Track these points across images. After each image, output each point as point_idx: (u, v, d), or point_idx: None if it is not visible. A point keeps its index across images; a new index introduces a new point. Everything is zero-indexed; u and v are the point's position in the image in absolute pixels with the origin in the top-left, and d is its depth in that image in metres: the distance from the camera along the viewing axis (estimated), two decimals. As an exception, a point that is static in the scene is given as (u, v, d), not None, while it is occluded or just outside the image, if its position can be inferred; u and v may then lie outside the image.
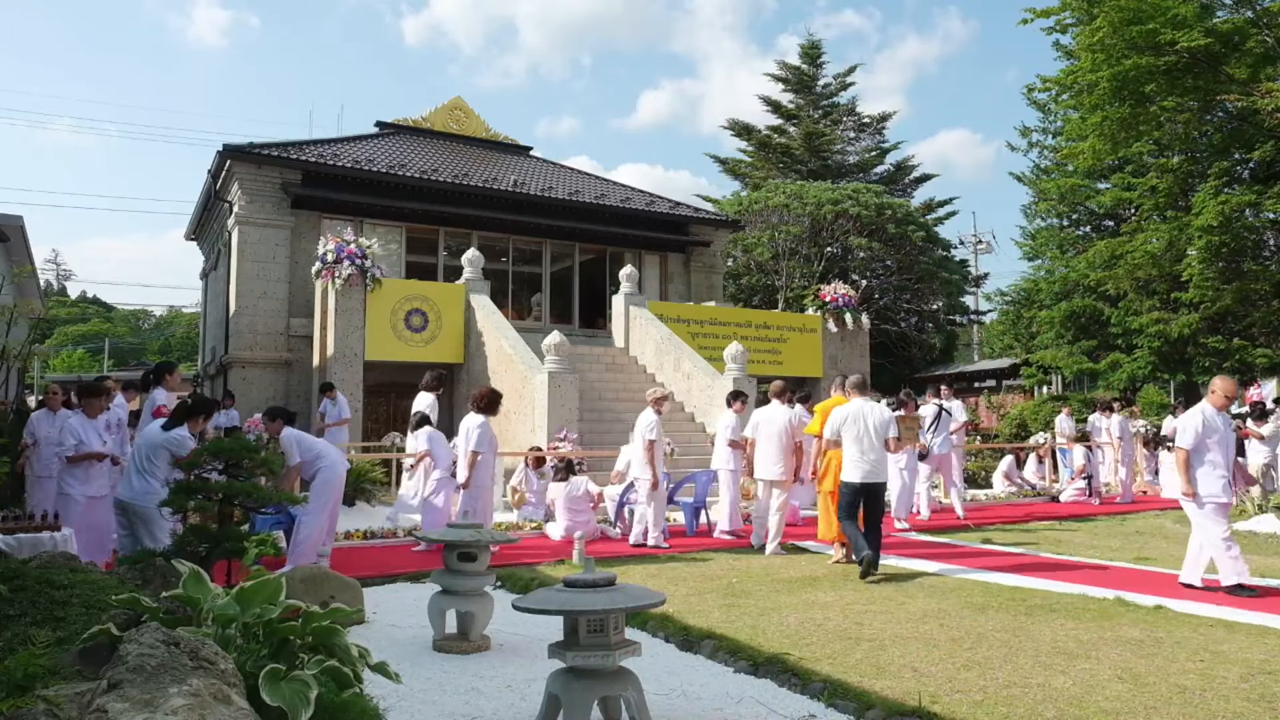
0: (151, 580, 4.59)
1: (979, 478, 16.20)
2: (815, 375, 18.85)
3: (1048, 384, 27.65)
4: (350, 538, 9.57)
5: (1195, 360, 21.92)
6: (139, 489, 6.55)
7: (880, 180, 34.71)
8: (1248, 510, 11.69)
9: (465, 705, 4.31)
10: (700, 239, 21.70)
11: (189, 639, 2.73)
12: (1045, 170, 27.82)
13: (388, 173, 18.06)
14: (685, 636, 5.48)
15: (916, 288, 29.64)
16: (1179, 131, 20.68)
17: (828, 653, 5.06)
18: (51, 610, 3.65)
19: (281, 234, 17.21)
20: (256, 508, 6.30)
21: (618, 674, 3.69)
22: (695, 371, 15.09)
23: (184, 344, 58.17)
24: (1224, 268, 20.27)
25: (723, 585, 7.18)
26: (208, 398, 7.61)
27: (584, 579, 3.72)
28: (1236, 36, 18.24)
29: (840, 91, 37.03)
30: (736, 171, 37.16)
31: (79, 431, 7.54)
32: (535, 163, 23.74)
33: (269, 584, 3.31)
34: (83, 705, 2.44)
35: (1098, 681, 4.52)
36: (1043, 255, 28.01)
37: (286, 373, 16.94)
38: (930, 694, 4.28)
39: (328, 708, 2.84)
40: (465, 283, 15.90)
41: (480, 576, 5.41)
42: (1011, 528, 11.10)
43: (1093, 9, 18.73)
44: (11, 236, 18.99)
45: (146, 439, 6.80)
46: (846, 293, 20.00)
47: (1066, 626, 5.70)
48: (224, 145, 17.14)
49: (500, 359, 14.51)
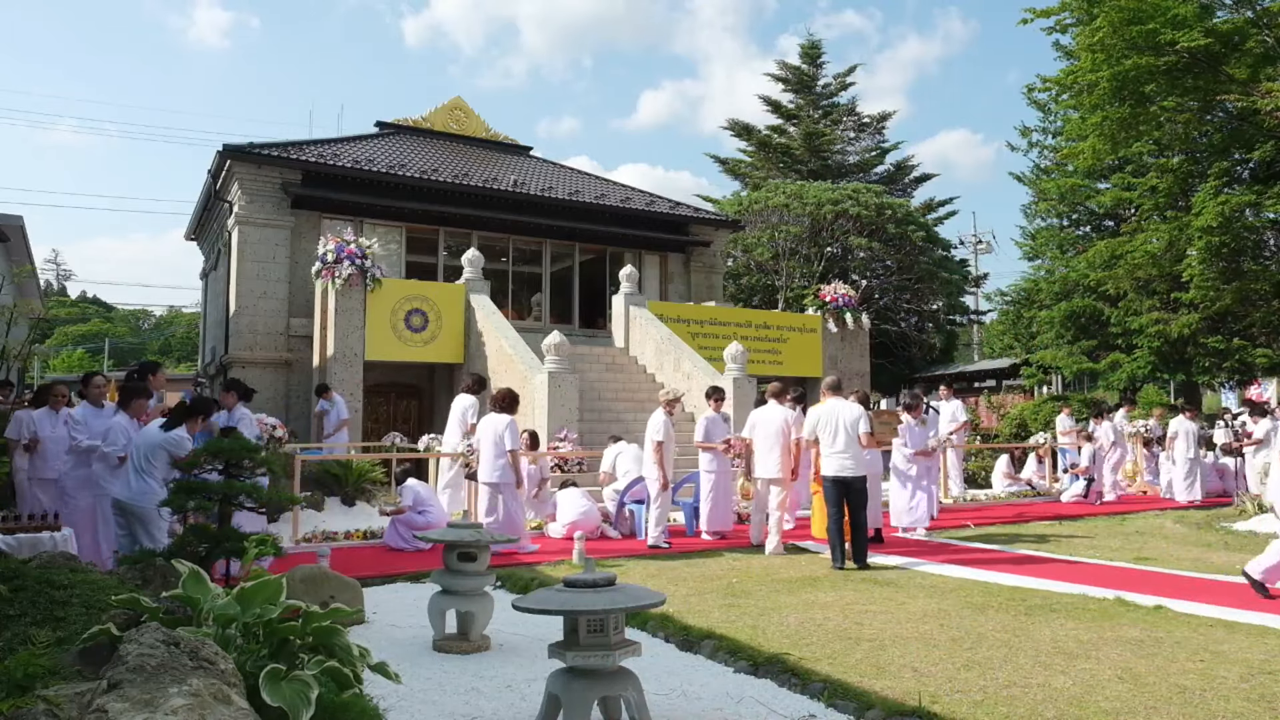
0: (151, 580, 4.59)
1: (979, 478, 16.19)
2: (815, 375, 18.82)
3: (1048, 384, 27.66)
4: (350, 538, 9.57)
5: (1195, 360, 21.91)
6: (137, 489, 6.54)
7: (880, 180, 34.71)
8: (1248, 510, 11.70)
9: (465, 705, 4.31)
10: (700, 239, 21.70)
11: (189, 639, 2.73)
12: (1045, 170, 27.81)
13: (388, 173, 18.06)
14: (685, 636, 5.48)
15: (916, 288, 29.63)
16: (1179, 131, 20.67)
17: (828, 653, 5.06)
18: (51, 610, 3.65)
19: (281, 234, 17.21)
20: (256, 508, 6.30)
21: (618, 674, 3.69)
22: (695, 371, 15.08)
23: (184, 344, 58.19)
24: (1224, 268, 20.26)
25: (723, 585, 7.18)
26: (206, 397, 7.57)
27: (584, 579, 3.72)
28: (1236, 36, 18.23)
29: (840, 91, 37.04)
30: (736, 171, 37.16)
31: (129, 431, 7.25)
32: (535, 163, 23.74)
33: (269, 584, 3.31)
34: (83, 705, 2.44)
35: (1098, 681, 4.52)
36: (1043, 255, 28.00)
37: (286, 373, 16.94)
38: (930, 694, 4.28)
39: (328, 708, 2.84)
40: (465, 283, 15.89)
41: (480, 576, 5.41)
42: (1011, 528, 11.10)
43: (1093, 9, 18.72)
44: (11, 236, 19.00)
45: (145, 439, 6.78)
46: (846, 293, 19.99)
47: (1066, 626, 5.70)
48: (224, 145, 17.13)
49: (500, 359, 14.51)
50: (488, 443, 8.89)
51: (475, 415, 11.14)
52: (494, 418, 8.98)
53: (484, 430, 9.04)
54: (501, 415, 8.95)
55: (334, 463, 11.79)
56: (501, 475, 8.76)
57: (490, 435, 8.89)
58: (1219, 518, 11.66)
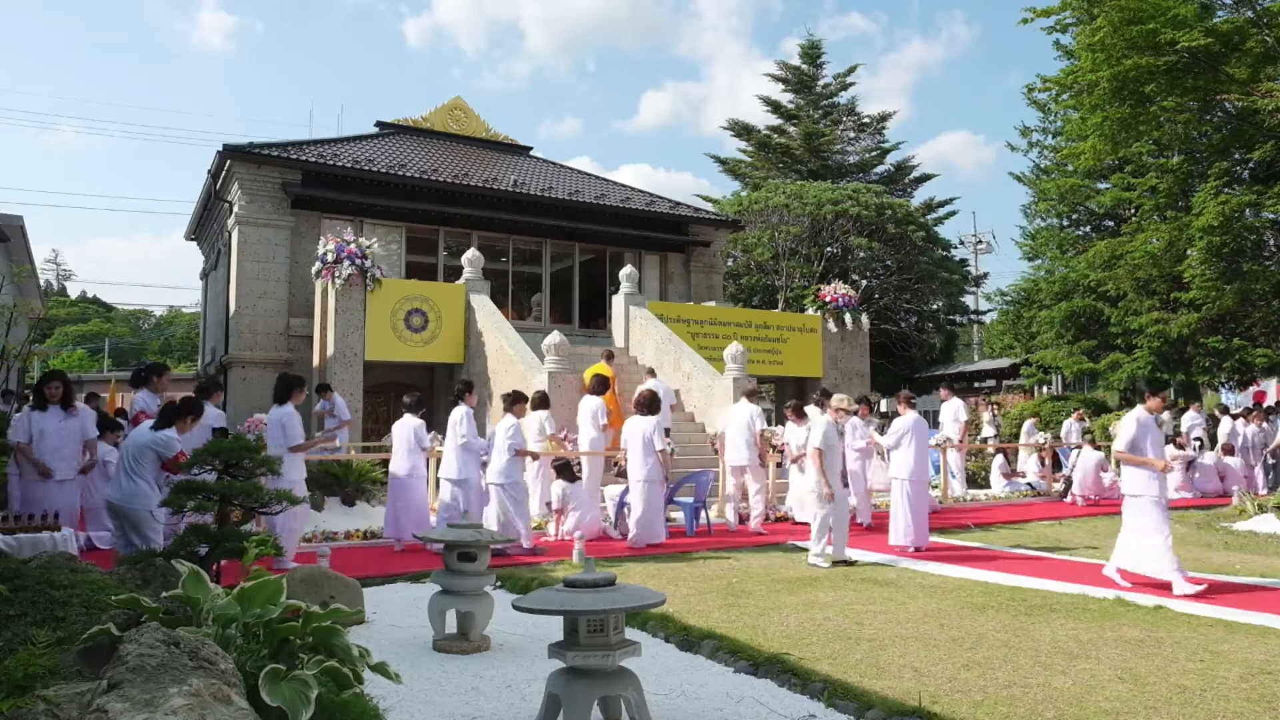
0: (151, 580, 4.59)
1: (979, 478, 16.21)
2: (815, 375, 18.83)
3: (1048, 384, 27.65)
4: (350, 538, 9.57)
5: (1195, 360, 21.90)
6: (126, 491, 6.50)
7: (880, 180, 34.67)
8: (1248, 510, 11.70)
9: (465, 705, 4.31)
10: (700, 239, 21.70)
11: (189, 639, 2.73)
12: (1045, 170, 27.80)
13: (388, 173, 18.05)
14: (685, 636, 5.48)
15: (916, 288, 29.62)
16: (1179, 131, 20.66)
17: (828, 653, 5.06)
18: (51, 610, 3.65)
19: (281, 234, 17.21)
20: (256, 507, 6.29)
21: (618, 674, 3.69)
22: (695, 371, 15.08)
23: (184, 344, 58.14)
24: (1224, 268, 20.25)
25: (723, 585, 7.18)
26: (195, 399, 7.54)
27: (584, 579, 3.72)
28: (1236, 36, 18.22)
29: (840, 91, 37.00)
30: (737, 172, 37.14)
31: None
32: (535, 163, 23.73)
33: (269, 584, 3.31)
34: (83, 705, 2.44)
35: (1098, 681, 4.52)
36: (1043, 255, 27.99)
37: (287, 372, 16.94)
38: (930, 694, 4.28)
39: (328, 708, 2.84)
40: (465, 283, 15.89)
41: (480, 576, 5.41)
42: (1011, 528, 11.10)
43: (1093, 9, 18.72)
44: (11, 236, 18.99)
45: (134, 440, 6.75)
46: (846, 293, 19.98)
47: (1066, 626, 5.70)
48: (224, 145, 17.13)
49: (500, 359, 14.51)
50: (636, 444, 9.71)
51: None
52: (638, 419, 9.82)
53: (631, 432, 9.85)
54: (648, 418, 9.80)
55: (334, 463, 11.79)
56: (649, 473, 9.67)
57: (638, 436, 9.70)
58: (1219, 518, 11.66)
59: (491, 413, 14.44)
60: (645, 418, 9.78)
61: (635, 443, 9.72)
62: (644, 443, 9.63)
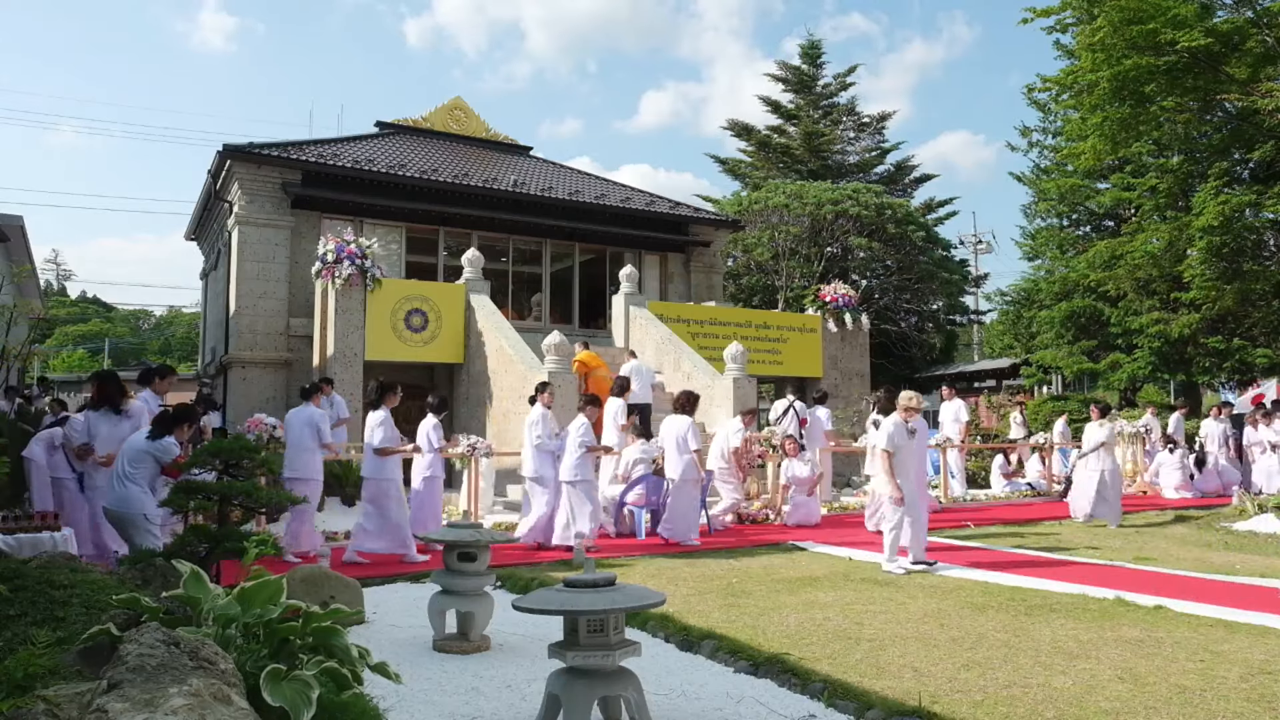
0: (151, 580, 4.58)
1: (979, 478, 16.22)
2: (815, 375, 18.83)
3: (1048, 384, 27.65)
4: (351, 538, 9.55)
5: (1195, 360, 21.91)
6: (120, 496, 6.53)
7: (880, 180, 34.66)
8: (1248, 510, 11.70)
9: (465, 705, 4.31)
10: (700, 239, 21.69)
11: (189, 639, 2.73)
12: (1045, 170, 27.80)
13: (388, 173, 18.05)
14: (685, 636, 5.48)
15: (916, 288, 29.62)
16: (1179, 131, 20.67)
17: (828, 653, 5.06)
18: (51, 610, 3.65)
19: (281, 234, 17.21)
20: (256, 508, 6.30)
21: (618, 674, 3.69)
22: (695, 371, 15.07)
23: (184, 344, 58.12)
24: (1224, 268, 20.25)
25: (723, 585, 7.18)
26: (190, 405, 7.54)
27: (584, 579, 3.72)
28: (1236, 36, 18.22)
29: (840, 91, 36.99)
30: (737, 172, 37.14)
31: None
32: (535, 163, 23.73)
33: (269, 584, 3.31)
34: (83, 705, 2.44)
35: (1098, 681, 4.52)
36: (1043, 255, 28.00)
37: (286, 373, 16.93)
38: (930, 694, 4.28)
39: (328, 708, 2.84)
40: (465, 283, 15.89)
41: (480, 576, 5.41)
42: (1011, 528, 11.10)
43: (1093, 9, 18.71)
44: (11, 236, 19.01)
45: (131, 446, 6.76)
46: (846, 293, 19.97)
47: (1066, 626, 5.70)
48: (224, 145, 17.12)
49: (500, 359, 14.51)
50: (670, 444, 9.92)
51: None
52: (675, 419, 10.01)
53: (667, 431, 10.07)
54: (682, 417, 9.93)
55: (334, 463, 11.79)
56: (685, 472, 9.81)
57: (673, 436, 9.88)
58: (1219, 518, 11.66)
59: (491, 413, 14.45)
60: (680, 417, 9.92)
61: (670, 443, 9.93)
62: (678, 442, 9.79)
